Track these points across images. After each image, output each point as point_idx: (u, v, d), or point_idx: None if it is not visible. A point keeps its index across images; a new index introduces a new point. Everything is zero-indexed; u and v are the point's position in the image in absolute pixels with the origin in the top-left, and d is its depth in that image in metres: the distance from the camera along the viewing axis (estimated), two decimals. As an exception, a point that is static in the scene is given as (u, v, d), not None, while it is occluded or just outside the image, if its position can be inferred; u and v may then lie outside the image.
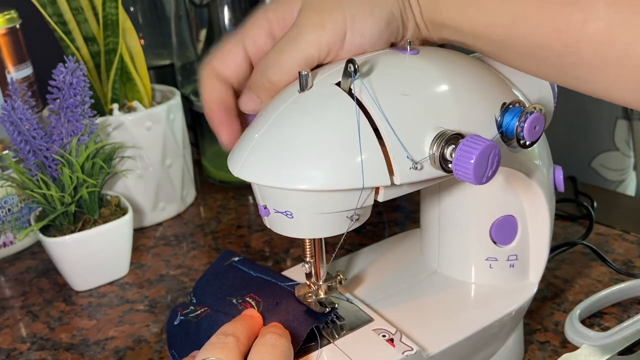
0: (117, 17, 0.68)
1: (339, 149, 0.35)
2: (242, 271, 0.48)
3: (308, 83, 0.37)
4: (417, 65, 0.38)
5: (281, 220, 0.38)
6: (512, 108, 0.38)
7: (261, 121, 0.38)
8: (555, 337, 0.52)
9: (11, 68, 0.73)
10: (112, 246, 0.63)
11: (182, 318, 0.45)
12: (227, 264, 0.49)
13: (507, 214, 0.46)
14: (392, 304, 0.45)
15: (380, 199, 0.37)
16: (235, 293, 0.45)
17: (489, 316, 0.44)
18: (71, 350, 0.54)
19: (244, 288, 0.46)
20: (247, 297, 0.44)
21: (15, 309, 0.61)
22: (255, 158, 0.36)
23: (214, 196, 0.83)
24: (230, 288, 0.46)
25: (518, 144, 0.38)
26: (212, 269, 0.49)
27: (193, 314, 0.45)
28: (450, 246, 0.48)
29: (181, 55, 0.86)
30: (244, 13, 0.83)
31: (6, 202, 0.68)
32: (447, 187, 0.47)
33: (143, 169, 0.73)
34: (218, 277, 0.48)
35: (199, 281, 0.49)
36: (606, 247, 0.64)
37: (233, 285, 0.47)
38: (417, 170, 0.35)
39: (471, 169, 0.34)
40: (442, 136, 0.35)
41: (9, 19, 0.73)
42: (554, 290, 0.58)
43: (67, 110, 0.62)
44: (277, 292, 0.45)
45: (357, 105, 0.35)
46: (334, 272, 0.44)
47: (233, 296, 0.45)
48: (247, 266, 0.49)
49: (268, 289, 0.46)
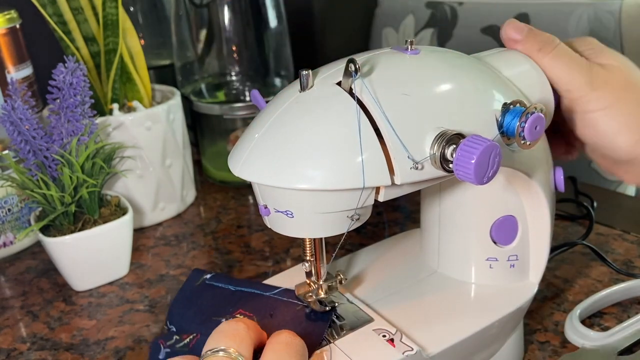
0: (117, 17, 0.68)
1: (339, 149, 0.35)
2: (219, 288, 0.46)
3: (309, 83, 0.37)
4: (417, 65, 0.38)
5: (282, 219, 0.38)
6: (512, 108, 0.38)
7: (261, 121, 0.38)
8: (555, 337, 0.52)
9: (11, 68, 0.73)
10: (112, 246, 0.63)
11: (168, 351, 0.41)
12: (198, 284, 0.46)
13: (507, 214, 0.46)
14: (392, 304, 0.45)
15: (381, 199, 0.37)
16: (221, 312, 0.43)
17: (490, 316, 0.44)
18: (71, 350, 0.54)
19: (229, 305, 0.44)
20: (237, 314, 0.42)
21: (15, 309, 0.61)
22: (255, 157, 0.36)
23: (214, 196, 0.83)
24: (213, 307, 0.44)
25: (519, 144, 0.38)
26: (184, 292, 0.46)
27: (180, 343, 0.41)
28: (450, 246, 0.48)
29: (181, 55, 0.86)
30: (244, 13, 0.83)
31: (6, 202, 0.68)
32: (448, 187, 0.47)
33: (143, 169, 0.73)
34: (193, 299, 0.45)
35: (172, 307, 0.45)
36: (606, 247, 0.64)
37: (215, 305, 0.44)
38: (418, 170, 0.36)
39: (472, 169, 0.34)
40: (443, 136, 0.35)
41: (9, 19, 0.72)
42: (554, 290, 0.58)
43: (67, 110, 0.62)
44: (266, 304, 0.43)
45: (357, 105, 0.35)
46: (334, 272, 0.44)
47: (219, 315, 0.43)
48: (222, 281, 0.46)
49: (255, 301, 0.44)
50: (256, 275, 0.64)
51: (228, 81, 0.86)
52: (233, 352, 0.34)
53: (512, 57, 0.45)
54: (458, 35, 0.98)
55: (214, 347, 0.34)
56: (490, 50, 0.46)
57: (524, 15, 0.90)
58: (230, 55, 0.85)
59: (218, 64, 0.85)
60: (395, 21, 1.08)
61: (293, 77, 0.89)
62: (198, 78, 0.87)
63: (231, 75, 0.86)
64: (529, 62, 0.45)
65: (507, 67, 0.43)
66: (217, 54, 0.85)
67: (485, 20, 0.94)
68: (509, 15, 0.91)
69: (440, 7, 1.00)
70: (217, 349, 0.34)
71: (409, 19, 1.05)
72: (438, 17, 1.01)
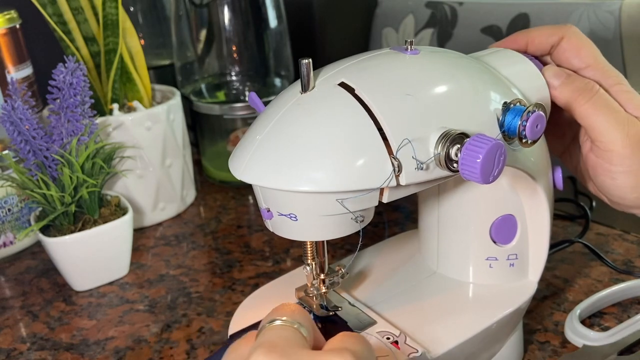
0: (117, 17, 0.68)
1: (343, 150, 0.34)
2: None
3: (310, 84, 0.36)
4: (418, 65, 0.38)
5: (285, 223, 0.38)
6: (513, 107, 0.38)
7: (263, 122, 0.37)
8: (555, 337, 0.52)
9: (11, 68, 0.73)
10: (112, 246, 0.63)
11: None
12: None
13: (507, 213, 0.46)
14: (394, 306, 0.45)
15: (385, 200, 0.37)
16: None
17: (491, 316, 0.44)
18: (71, 350, 0.54)
19: None
20: None
21: (15, 309, 0.61)
22: (258, 160, 0.36)
23: (214, 196, 0.83)
24: None
25: (520, 143, 0.39)
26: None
27: None
28: (449, 246, 0.48)
29: (181, 55, 0.86)
30: (244, 13, 0.83)
31: (6, 202, 0.68)
32: (447, 187, 0.47)
33: (143, 169, 0.73)
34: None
35: None
36: (606, 247, 0.65)
37: None
38: (423, 171, 0.35)
39: (478, 168, 0.33)
40: (447, 136, 0.35)
41: (9, 19, 0.72)
42: (553, 290, 0.58)
43: (67, 110, 0.62)
44: None
45: (361, 106, 0.35)
46: (336, 267, 0.44)
47: None
48: None
49: None
50: (256, 275, 0.64)
51: (228, 81, 0.86)
52: (292, 321, 0.31)
53: (510, 56, 0.45)
54: (458, 35, 0.98)
55: (275, 318, 0.31)
56: (487, 50, 0.46)
57: (524, 15, 0.90)
58: (230, 55, 0.85)
59: (218, 64, 0.85)
60: (395, 21, 1.08)
61: (293, 77, 0.89)
62: (198, 78, 0.87)
63: (231, 75, 0.86)
64: (525, 61, 0.45)
65: (505, 66, 0.43)
66: (217, 54, 0.85)
67: (485, 20, 0.94)
68: (509, 15, 0.91)
69: (440, 7, 1.00)
70: (273, 319, 0.31)
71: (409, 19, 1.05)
72: (438, 17, 1.01)
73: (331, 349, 0.30)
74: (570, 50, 0.45)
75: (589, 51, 0.45)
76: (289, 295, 0.47)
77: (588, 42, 0.46)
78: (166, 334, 0.55)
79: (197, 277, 0.64)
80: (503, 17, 0.92)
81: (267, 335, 0.30)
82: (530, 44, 0.47)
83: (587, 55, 0.45)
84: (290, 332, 0.30)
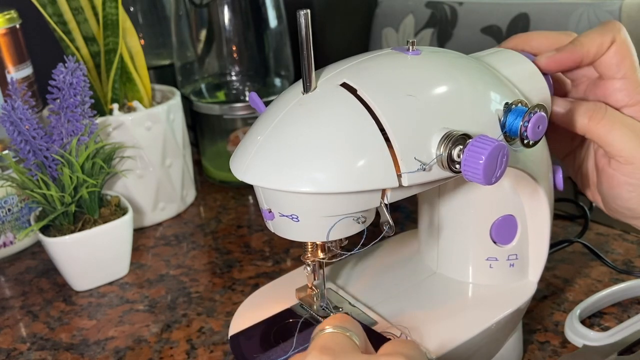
0: (117, 17, 0.68)
1: (345, 151, 0.34)
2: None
3: (312, 84, 0.36)
4: (420, 65, 0.38)
5: (286, 224, 0.38)
6: (514, 108, 0.38)
7: (264, 123, 0.37)
8: (555, 337, 0.52)
9: (11, 68, 0.73)
10: (112, 246, 0.63)
11: None
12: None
13: (507, 214, 0.46)
14: (394, 307, 0.45)
15: (387, 201, 0.37)
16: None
17: (491, 316, 0.44)
18: (71, 350, 0.54)
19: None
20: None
21: (15, 309, 0.61)
22: (259, 161, 0.36)
23: (214, 196, 0.83)
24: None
25: (521, 144, 0.39)
26: None
27: None
28: (449, 247, 0.48)
29: (181, 55, 0.86)
30: (244, 13, 0.83)
31: (6, 202, 0.68)
32: (447, 187, 0.47)
33: (143, 169, 0.73)
34: None
35: None
36: (606, 247, 0.65)
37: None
38: (425, 172, 0.35)
39: (481, 169, 0.33)
40: (449, 137, 0.35)
41: (9, 19, 0.72)
42: (553, 290, 0.58)
43: (67, 110, 0.62)
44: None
45: (363, 107, 0.35)
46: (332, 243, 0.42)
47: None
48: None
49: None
50: (256, 275, 0.64)
51: (228, 81, 0.86)
52: (344, 328, 0.32)
53: (510, 56, 0.45)
54: (458, 35, 0.98)
55: (323, 328, 0.32)
56: (488, 50, 0.46)
57: (524, 16, 0.90)
58: (230, 55, 0.85)
59: (218, 64, 0.85)
60: (395, 21, 1.07)
61: (293, 77, 0.89)
62: (198, 78, 0.87)
63: (231, 75, 0.86)
64: (526, 61, 0.45)
65: (506, 67, 0.43)
66: (217, 54, 0.85)
67: (485, 20, 0.94)
68: (509, 15, 0.91)
69: (440, 7, 1.00)
70: (324, 328, 0.32)
71: (409, 19, 1.05)
72: (438, 17, 1.01)
73: (385, 353, 0.31)
74: (615, 58, 0.44)
75: (630, 62, 0.44)
76: (289, 295, 0.47)
77: (633, 51, 0.44)
78: (166, 334, 0.55)
79: (197, 277, 0.64)
80: (503, 17, 0.92)
81: (320, 341, 0.31)
82: (585, 58, 0.44)
83: (629, 68, 0.44)
84: (342, 338, 0.31)
